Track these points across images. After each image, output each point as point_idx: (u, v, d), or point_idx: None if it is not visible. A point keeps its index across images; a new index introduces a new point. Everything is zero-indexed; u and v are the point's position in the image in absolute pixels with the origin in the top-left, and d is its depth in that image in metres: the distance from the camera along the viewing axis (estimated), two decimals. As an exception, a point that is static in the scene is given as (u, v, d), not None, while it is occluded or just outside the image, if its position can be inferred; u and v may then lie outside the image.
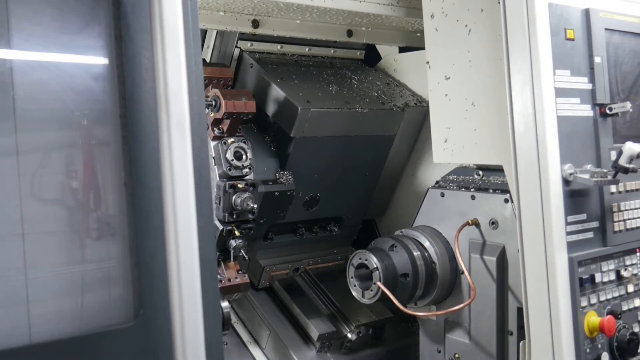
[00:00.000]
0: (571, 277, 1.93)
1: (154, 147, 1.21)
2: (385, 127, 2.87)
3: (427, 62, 2.40)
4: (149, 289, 1.22)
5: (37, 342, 1.15)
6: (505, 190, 2.29)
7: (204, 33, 2.78)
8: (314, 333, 2.71)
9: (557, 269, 1.90)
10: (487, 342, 2.32)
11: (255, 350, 2.74)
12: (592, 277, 1.98)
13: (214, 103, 2.35)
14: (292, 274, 2.95)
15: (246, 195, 2.32)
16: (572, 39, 2.03)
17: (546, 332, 1.92)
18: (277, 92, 2.62)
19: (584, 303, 1.96)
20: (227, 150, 2.35)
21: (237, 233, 2.35)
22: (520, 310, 2.22)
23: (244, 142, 2.40)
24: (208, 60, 2.78)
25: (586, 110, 2.05)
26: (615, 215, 2.07)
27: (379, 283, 2.31)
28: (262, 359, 2.72)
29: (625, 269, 2.09)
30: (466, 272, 2.33)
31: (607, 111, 2.07)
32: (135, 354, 1.21)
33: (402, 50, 3.16)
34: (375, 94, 2.88)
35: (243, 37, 2.75)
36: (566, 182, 1.95)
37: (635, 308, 2.13)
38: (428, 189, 2.59)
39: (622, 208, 2.10)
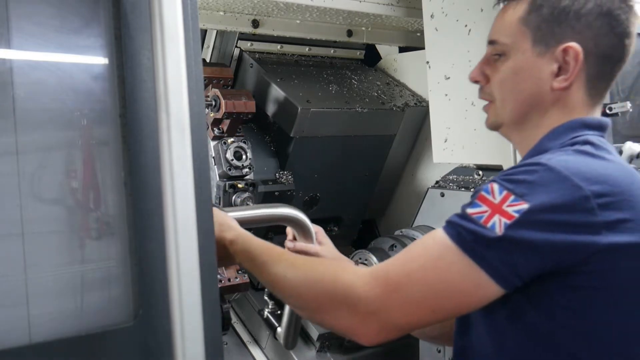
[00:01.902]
0: (571, 277, 1.92)
1: (154, 147, 1.21)
2: (385, 127, 2.87)
3: (427, 62, 2.40)
4: (149, 289, 1.21)
5: (36, 342, 1.15)
6: (505, 190, 2.29)
7: (204, 33, 2.78)
8: (314, 333, 2.71)
9: (557, 269, 1.89)
10: (487, 342, 2.31)
11: (255, 350, 2.73)
12: (592, 277, 1.98)
13: (213, 103, 2.35)
14: (292, 274, 2.94)
15: (246, 195, 2.32)
16: (572, 39, 2.02)
17: (546, 332, 1.92)
18: (277, 92, 2.62)
19: (584, 303, 1.95)
20: (227, 150, 2.35)
21: (237, 233, 2.35)
22: (520, 310, 2.21)
23: (244, 142, 2.39)
24: (208, 60, 2.78)
25: (586, 110, 2.05)
26: (615, 215, 2.06)
27: (379, 283, 2.30)
28: (262, 359, 2.72)
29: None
30: (466, 272, 2.32)
31: (607, 111, 2.07)
32: (135, 354, 1.21)
33: (402, 50, 3.16)
34: (375, 94, 2.88)
35: (243, 37, 2.75)
36: (566, 182, 1.94)
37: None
38: (428, 189, 2.59)
39: (622, 208, 2.10)
